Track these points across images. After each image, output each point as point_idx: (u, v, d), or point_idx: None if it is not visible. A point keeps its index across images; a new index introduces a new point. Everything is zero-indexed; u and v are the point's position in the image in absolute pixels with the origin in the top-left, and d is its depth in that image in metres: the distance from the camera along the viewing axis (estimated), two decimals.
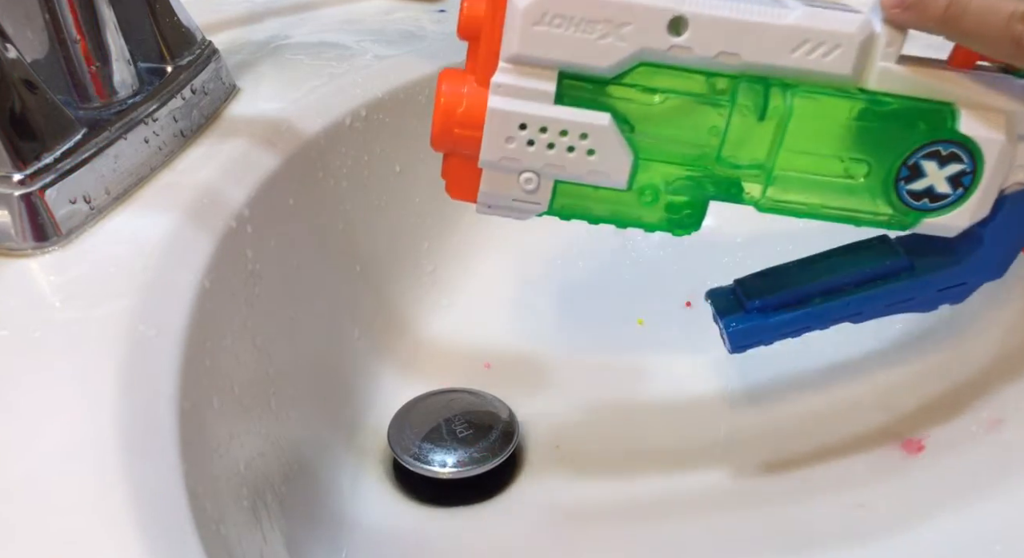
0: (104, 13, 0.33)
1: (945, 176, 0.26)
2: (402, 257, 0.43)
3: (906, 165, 0.26)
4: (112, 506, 0.22)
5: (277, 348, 0.34)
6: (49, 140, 0.31)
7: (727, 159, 0.26)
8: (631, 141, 0.26)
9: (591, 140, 0.26)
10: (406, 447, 0.36)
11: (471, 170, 0.27)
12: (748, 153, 0.26)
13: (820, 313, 0.30)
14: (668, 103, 0.26)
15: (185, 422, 0.26)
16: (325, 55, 0.43)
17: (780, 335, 0.31)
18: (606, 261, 0.45)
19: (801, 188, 0.27)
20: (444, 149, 0.27)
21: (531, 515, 0.36)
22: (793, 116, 0.26)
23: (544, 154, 0.26)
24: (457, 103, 0.25)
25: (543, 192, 0.27)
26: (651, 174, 0.27)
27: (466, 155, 0.26)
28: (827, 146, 0.26)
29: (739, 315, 0.31)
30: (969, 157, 0.26)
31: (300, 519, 0.32)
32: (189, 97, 0.36)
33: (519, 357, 0.42)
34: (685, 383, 0.40)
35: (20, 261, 0.30)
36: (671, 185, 0.27)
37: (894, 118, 0.26)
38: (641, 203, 0.27)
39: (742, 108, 0.26)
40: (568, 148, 0.26)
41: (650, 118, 0.26)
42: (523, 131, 0.26)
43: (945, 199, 0.27)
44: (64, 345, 0.27)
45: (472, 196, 0.27)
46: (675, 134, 0.26)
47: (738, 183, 0.27)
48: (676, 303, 0.43)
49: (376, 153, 0.41)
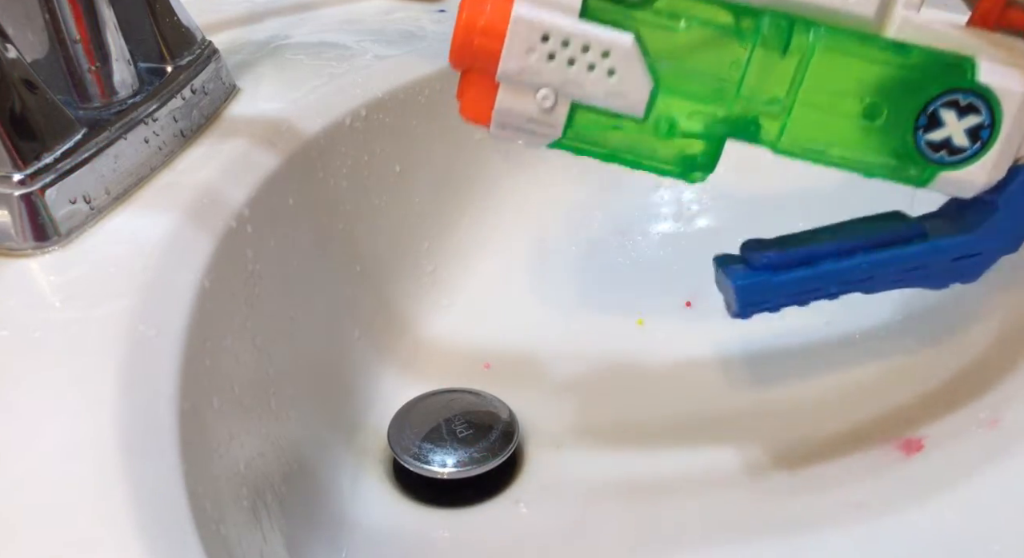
0: (104, 13, 0.33)
1: (964, 128, 0.26)
2: (402, 257, 0.43)
3: (924, 113, 0.26)
4: (112, 506, 0.22)
5: (277, 348, 0.34)
6: (49, 140, 0.31)
7: (746, 94, 0.26)
8: (652, 68, 0.26)
9: (612, 60, 0.25)
10: (406, 447, 0.36)
11: (487, 89, 0.26)
12: (768, 89, 0.26)
13: (829, 274, 0.29)
14: (692, 32, 0.26)
15: (185, 422, 0.26)
16: (325, 55, 0.43)
17: (787, 297, 0.30)
18: (606, 261, 0.45)
19: (818, 130, 0.27)
20: (462, 63, 0.26)
21: (531, 515, 0.36)
22: (815, 53, 0.26)
23: (564, 69, 0.26)
24: (480, 12, 0.25)
25: (559, 114, 0.26)
26: (669, 105, 0.26)
27: (483, 72, 0.26)
28: (846, 88, 0.26)
29: (746, 271, 0.30)
30: (987, 110, 0.26)
31: (300, 519, 0.32)
32: (189, 97, 0.36)
33: (519, 357, 0.42)
34: (685, 383, 0.40)
35: (20, 261, 0.30)
36: (689, 118, 0.27)
37: (913, 64, 0.26)
38: (657, 135, 0.27)
39: (765, 41, 0.26)
40: (588, 66, 0.25)
41: (673, 47, 0.26)
42: (545, 43, 0.25)
43: (963, 153, 0.26)
44: (64, 345, 0.27)
45: (486, 117, 0.27)
46: (697, 65, 0.26)
47: (756, 121, 0.27)
48: (676, 303, 0.43)
49: (376, 153, 0.41)
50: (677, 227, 0.46)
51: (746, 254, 0.31)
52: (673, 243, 0.45)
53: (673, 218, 0.46)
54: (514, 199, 0.46)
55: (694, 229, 0.45)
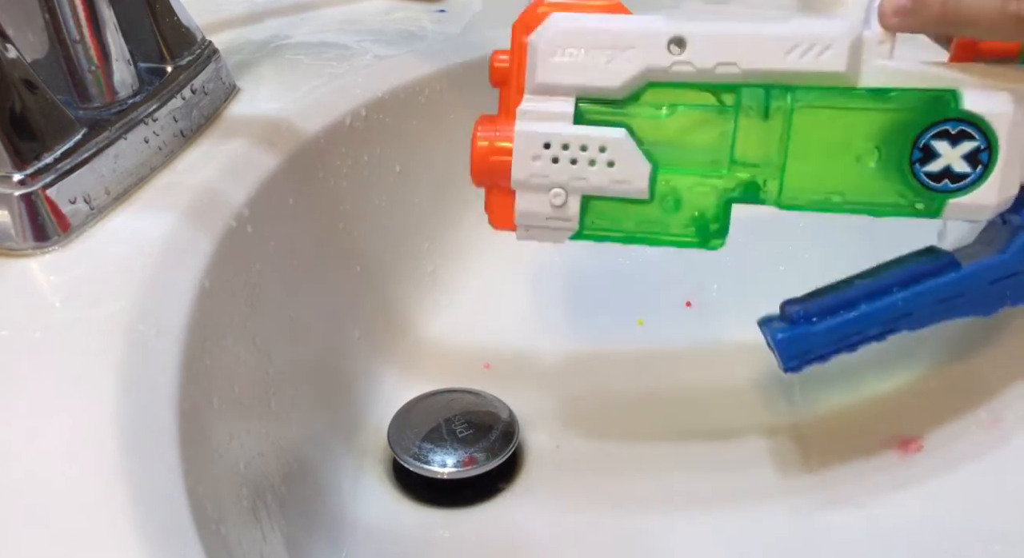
0: (104, 13, 0.33)
1: (960, 154, 0.27)
2: (402, 257, 0.43)
3: (917, 147, 0.27)
4: (112, 506, 0.22)
5: (277, 348, 0.34)
6: (49, 140, 0.31)
7: (739, 160, 0.28)
8: (648, 153, 0.28)
9: (610, 152, 0.28)
10: (406, 447, 0.36)
11: (509, 200, 0.29)
12: (759, 152, 0.28)
13: (866, 316, 0.30)
14: (678, 116, 0.28)
15: (185, 422, 0.26)
16: (325, 55, 0.43)
17: (833, 344, 0.30)
18: (606, 261, 0.45)
19: (816, 182, 0.28)
20: (483, 180, 0.30)
21: (531, 515, 0.36)
22: (795, 113, 0.27)
23: (568, 168, 0.28)
24: (490, 135, 0.29)
25: (572, 208, 0.29)
26: (671, 182, 0.29)
27: (503, 187, 0.29)
28: (834, 139, 0.28)
29: (784, 325, 0.31)
30: (980, 134, 0.27)
31: (300, 519, 0.32)
32: (189, 97, 0.36)
33: (519, 357, 0.42)
34: (685, 383, 0.40)
35: (20, 261, 0.30)
36: (692, 192, 0.29)
37: (895, 107, 0.27)
38: (665, 211, 0.29)
39: (747, 110, 0.28)
40: (590, 162, 0.28)
41: (664, 131, 0.28)
42: (547, 150, 0.28)
43: (966, 178, 0.27)
44: (64, 345, 0.27)
45: (510, 223, 0.30)
46: (689, 143, 0.28)
47: (755, 184, 0.28)
48: (676, 303, 0.43)
49: (376, 153, 0.41)
50: None
51: (784, 309, 0.32)
52: None
53: None
54: None
55: None
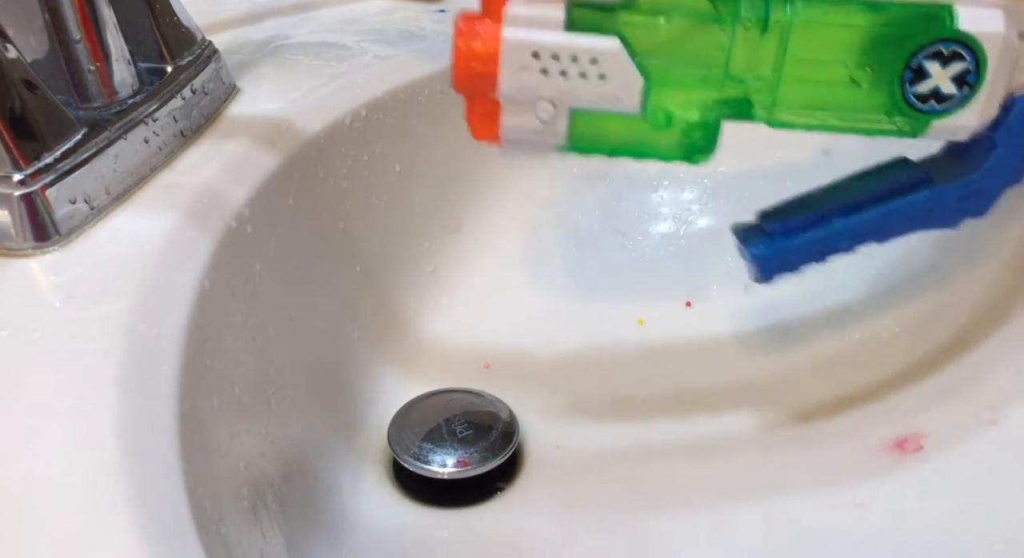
0: (104, 13, 0.33)
1: (949, 76, 0.27)
2: (402, 257, 0.43)
3: (909, 67, 0.27)
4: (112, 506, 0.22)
5: (277, 348, 0.34)
6: (49, 140, 0.31)
7: (734, 76, 0.27)
8: (641, 66, 0.27)
9: (602, 65, 0.26)
10: (406, 447, 0.36)
11: (492, 110, 0.27)
12: (754, 68, 0.27)
13: (841, 232, 0.30)
14: (674, 25, 0.27)
15: (185, 422, 0.26)
16: (325, 55, 0.43)
17: (805, 256, 0.31)
18: (606, 261, 0.45)
19: (808, 100, 0.27)
20: (465, 89, 0.27)
21: (531, 515, 0.36)
22: (794, 27, 0.26)
23: (557, 81, 0.27)
24: (473, 40, 0.26)
25: (560, 123, 0.27)
26: (663, 98, 0.27)
27: (486, 95, 0.27)
28: (829, 54, 0.27)
29: (762, 240, 0.31)
30: (971, 55, 0.26)
31: (300, 519, 0.32)
32: (189, 97, 0.36)
33: (519, 357, 0.42)
34: (685, 383, 0.40)
35: (20, 261, 0.30)
36: (683, 107, 0.27)
37: (891, 21, 0.26)
38: (655, 127, 0.28)
39: (745, 22, 0.26)
40: (580, 74, 0.26)
41: (658, 42, 0.27)
42: (536, 60, 0.26)
43: (951, 100, 0.27)
44: (64, 345, 0.27)
45: (494, 135, 0.28)
46: (683, 56, 0.27)
47: (747, 100, 0.27)
48: (676, 303, 0.43)
49: (376, 153, 0.41)
50: (677, 227, 0.46)
51: (761, 222, 0.32)
52: (673, 243, 0.45)
53: (673, 218, 0.46)
54: (514, 199, 0.46)
55: (694, 229, 0.45)
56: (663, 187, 0.46)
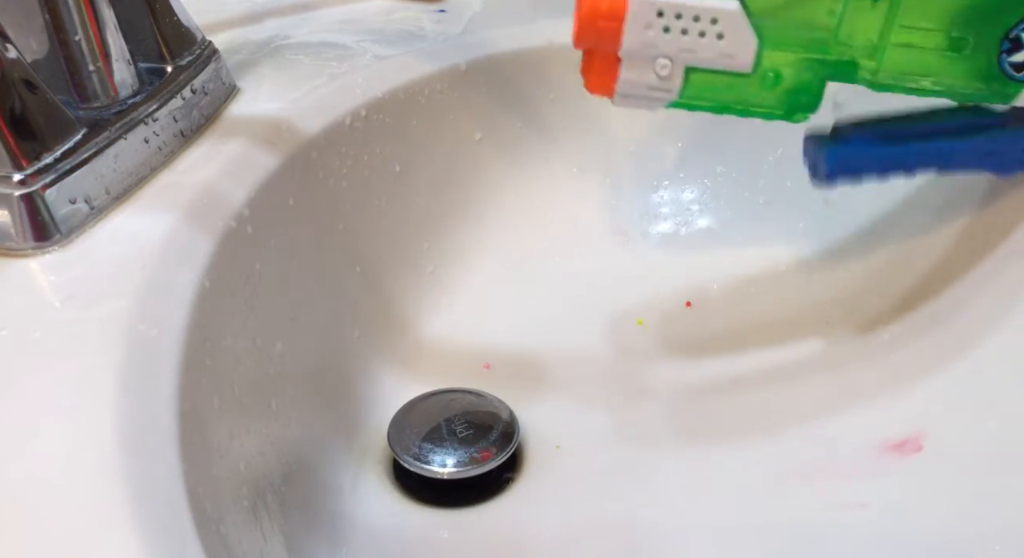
0: (104, 13, 0.33)
1: None
2: (402, 257, 0.43)
3: (1008, 38, 0.29)
4: (112, 506, 0.22)
5: (277, 348, 0.34)
6: (49, 140, 0.31)
7: (843, 40, 0.29)
8: (756, 27, 0.29)
9: (721, 25, 0.28)
10: (406, 447, 0.36)
11: (610, 65, 0.29)
12: (863, 32, 0.29)
13: (912, 153, 0.32)
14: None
15: (185, 422, 0.26)
16: (325, 55, 0.43)
17: (872, 167, 0.32)
18: (606, 261, 0.45)
19: (911, 65, 0.29)
20: (586, 44, 0.29)
21: (531, 515, 0.36)
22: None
23: (679, 39, 0.29)
24: None
25: (675, 79, 0.29)
26: (774, 58, 0.29)
27: (604, 51, 0.29)
28: (934, 23, 0.29)
29: (837, 141, 0.32)
30: None
31: (300, 519, 0.32)
32: (189, 97, 0.36)
33: (519, 357, 0.42)
34: (685, 383, 0.40)
35: (20, 261, 0.30)
36: (792, 67, 0.29)
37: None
38: (763, 86, 0.30)
39: None
40: (700, 33, 0.29)
41: (774, 5, 0.29)
42: (660, 18, 0.28)
43: None
44: (64, 345, 0.27)
45: (610, 90, 0.30)
46: (796, 19, 0.29)
47: (853, 62, 0.29)
48: (676, 303, 0.43)
49: (376, 153, 0.41)
50: (677, 227, 0.46)
51: (839, 128, 0.33)
52: (673, 243, 0.45)
53: (673, 218, 0.46)
54: (514, 199, 0.46)
55: (694, 229, 0.45)
56: (663, 187, 0.46)
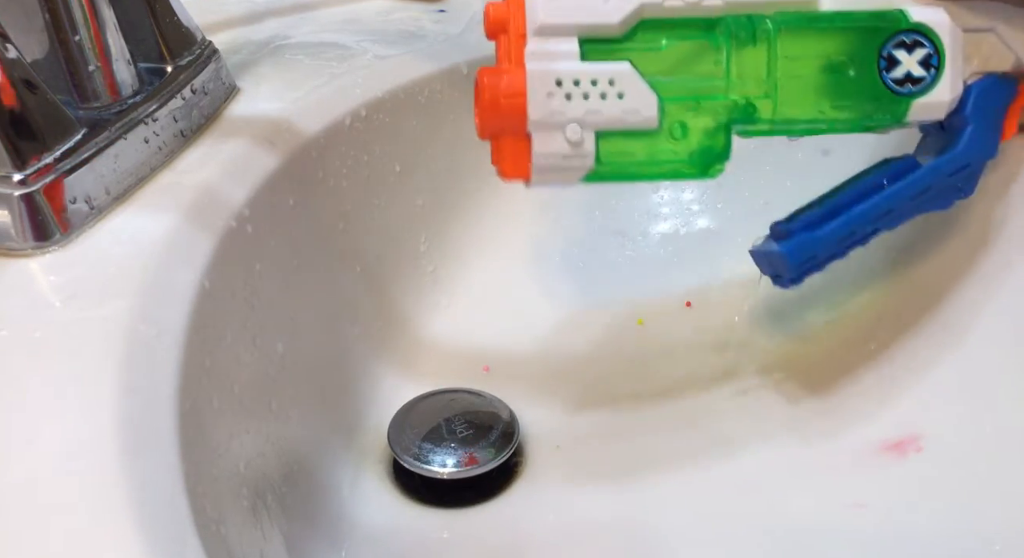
0: (104, 13, 0.33)
1: (916, 60, 0.32)
2: (402, 257, 0.43)
3: (882, 56, 0.31)
4: (112, 506, 0.22)
5: (277, 348, 0.34)
6: (49, 140, 0.31)
7: (736, 82, 0.31)
8: (652, 84, 0.30)
9: (619, 85, 0.30)
10: (406, 447, 0.36)
11: (520, 147, 0.30)
12: (752, 74, 0.31)
13: (856, 218, 0.33)
14: (674, 47, 0.31)
15: (185, 422, 0.26)
16: (325, 55, 0.43)
17: (829, 249, 0.34)
18: (606, 261, 0.45)
19: (803, 97, 0.31)
20: (492, 128, 0.30)
21: (531, 515, 0.36)
22: (779, 35, 0.31)
23: (582, 103, 0.30)
24: (499, 80, 0.30)
25: (588, 144, 0.30)
26: (676, 110, 0.31)
27: (513, 131, 0.30)
28: (815, 55, 0.31)
29: (785, 239, 0.34)
30: (928, 42, 0.32)
31: (300, 519, 0.32)
32: (189, 97, 0.36)
33: (519, 357, 0.42)
34: (685, 383, 0.40)
35: (20, 261, 0.30)
36: (695, 117, 0.31)
37: (858, 24, 0.31)
38: (673, 139, 0.31)
39: (735, 36, 0.31)
40: (601, 95, 0.30)
41: (663, 63, 0.31)
42: (560, 87, 0.30)
43: (923, 82, 0.32)
44: (64, 345, 0.27)
45: (525, 171, 0.31)
46: (687, 72, 0.31)
47: (751, 104, 0.31)
48: (676, 303, 0.43)
49: (376, 153, 0.41)
50: (677, 227, 0.46)
51: (778, 228, 0.34)
52: (673, 243, 0.45)
53: (673, 218, 0.46)
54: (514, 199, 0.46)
55: (694, 229, 0.45)
56: (663, 187, 0.46)
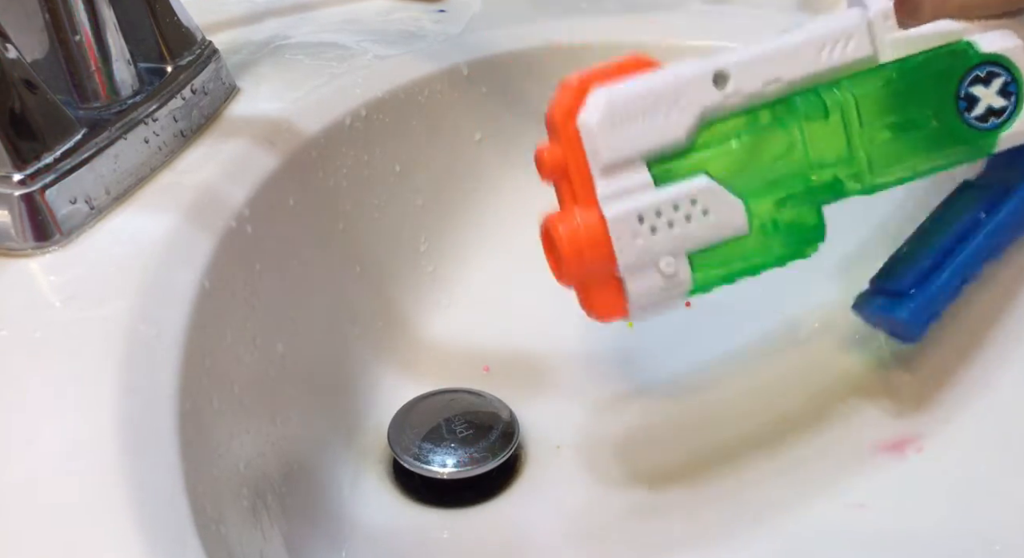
0: (104, 13, 0.33)
1: (995, 92, 0.30)
2: (402, 257, 0.43)
3: (960, 98, 0.30)
4: (112, 506, 0.22)
5: (277, 348, 0.34)
6: (49, 140, 0.31)
7: (817, 162, 0.29)
8: (733, 188, 0.29)
9: (701, 203, 0.28)
10: (406, 447, 0.36)
11: (611, 287, 0.29)
12: (832, 149, 0.29)
13: (970, 260, 0.32)
14: (745, 142, 0.29)
15: (185, 422, 0.26)
16: (325, 55, 0.43)
17: (948, 299, 0.33)
18: None
19: (888, 161, 0.30)
20: (578, 278, 0.29)
21: (531, 515, 0.36)
22: (851, 101, 0.29)
23: (669, 234, 0.28)
24: (577, 231, 0.28)
25: (683, 271, 0.29)
26: (762, 208, 0.29)
27: (600, 279, 0.29)
28: (888, 112, 0.30)
29: (900, 302, 0.33)
30: (1003, 69, 0.30)
31: (300, 519, 0.32)
32: (189, 97, 0.36)
33: (519, 357, 0.42)
34: (685, 383, 0.40)
35: (20, 261, 0.30)
36: (783, 210, 0.29)
37: (926, 67, 0.30)
38: (766, 238, 0.29)
39: (807, 115, 0.29)
40: (686, 217, 0.28)
41: (738, 162, 0.29)
42: (642, 223, 0.28)
43: (1006, 112, 0.30)
44: (64, 345, 0.27)
45: (622, 309, 0.29)
46: (764, 165, 0.29)
47: (838, 180, 0.30)
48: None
49: (376, 153, 0.41)
50: None
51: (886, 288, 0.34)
52: None
53: None
54: (514, 199, 0.46)
55: None
56: None
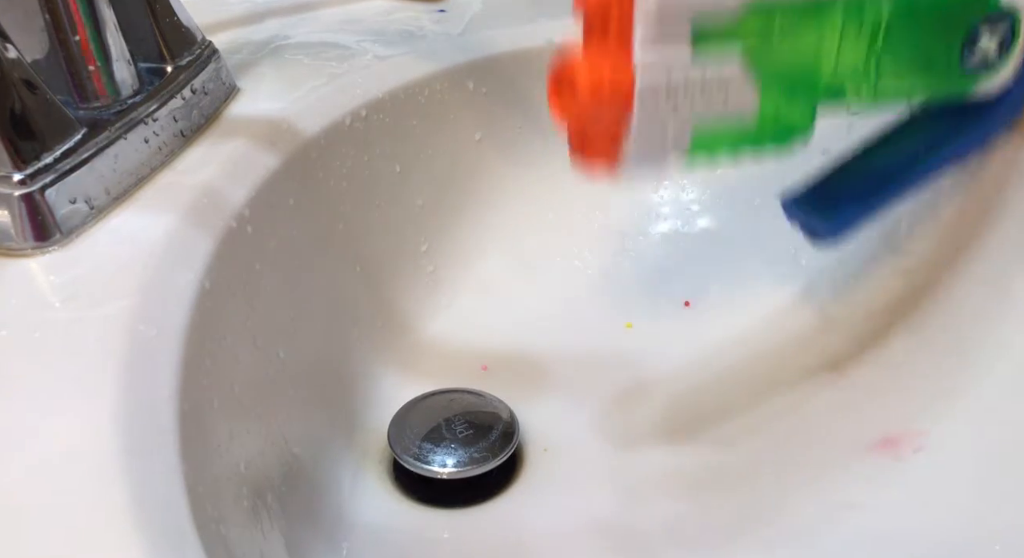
0: (104, 13, 0.33)
1: (995, 43, 0.32)
2: (402, 257, 0.43)
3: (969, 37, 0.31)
4: (112, 506, 0.22)
5: (277, 348, 0.34)
6: (49, 140, 0.31)
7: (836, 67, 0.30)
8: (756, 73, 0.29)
9: (726, 91, 0.29)
10: (406, 447, 0.36)
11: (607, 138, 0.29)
12: (853, 57, 0.30)
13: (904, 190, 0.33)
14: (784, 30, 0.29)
15: (185, 422, 0.26)
16: (325, 55, 0.43)
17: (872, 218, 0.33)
18: (606, 261, 0.45)
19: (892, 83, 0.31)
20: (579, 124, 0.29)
21: (531, 515, 0.36)
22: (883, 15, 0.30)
23: (688, 111, 0.29)
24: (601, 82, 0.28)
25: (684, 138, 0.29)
26: (770, 98, 0.30)
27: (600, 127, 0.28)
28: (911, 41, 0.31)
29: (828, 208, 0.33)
30: (1008, 26, 0.32)
31: (300, 519, 0.32)
32: (189, 97, 0.36)
33: (519, 357, 0.42)
34: (684, 383, 0.40)
35: (20, 261, 0.30)
36: (787, 106, 0.30)
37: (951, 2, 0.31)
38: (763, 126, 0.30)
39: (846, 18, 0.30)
40: (707, 101, 0.29)
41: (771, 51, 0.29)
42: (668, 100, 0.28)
43: (992, 62, 0.32)
44: (64, 345, 0.27)
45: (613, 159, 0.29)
46: (790, 57, 0.30)
47: (842, 87, 0.31)
48: (676, 303, 0.43)
49: (376, 153, 0.41)
50: (677, 227, 0.46)
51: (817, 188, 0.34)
52: (673, 243, 0.45)
53: (673, 218, 0.46)
54: (514, 199, 0.46)
55: (694, 229, 0.45)
56: (663, 187, 0.46)
